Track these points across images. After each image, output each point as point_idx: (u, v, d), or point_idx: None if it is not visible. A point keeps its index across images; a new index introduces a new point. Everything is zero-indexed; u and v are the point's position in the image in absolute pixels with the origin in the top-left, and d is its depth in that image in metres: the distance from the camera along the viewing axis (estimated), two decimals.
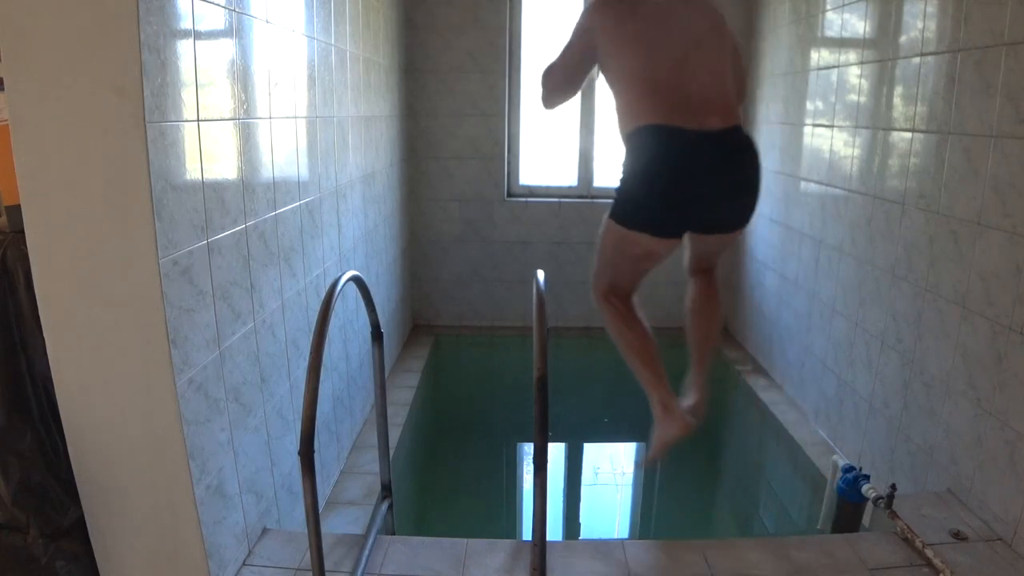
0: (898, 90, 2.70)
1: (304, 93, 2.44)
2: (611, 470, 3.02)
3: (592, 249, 2.17)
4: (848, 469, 2.32)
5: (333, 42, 2.74)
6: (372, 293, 2.08)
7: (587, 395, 3.96)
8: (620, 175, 2.00)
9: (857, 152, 3.02)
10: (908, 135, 2.61)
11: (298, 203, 2.41)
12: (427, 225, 4.71)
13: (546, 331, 1.75)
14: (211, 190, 1.76)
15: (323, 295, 1.78)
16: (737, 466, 3.06)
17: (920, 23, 2.54)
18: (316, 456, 1.62)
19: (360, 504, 2.68)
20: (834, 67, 3.25)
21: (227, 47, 1.83)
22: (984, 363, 2.17)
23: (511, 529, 2.66)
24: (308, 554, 1.75)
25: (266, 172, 2.11)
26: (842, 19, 3.17)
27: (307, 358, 1.63)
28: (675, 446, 2.06)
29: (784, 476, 2.98)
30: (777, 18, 3.95)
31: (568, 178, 4.76)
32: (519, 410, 3.56)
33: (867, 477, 2.29)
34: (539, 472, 1.73)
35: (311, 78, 2.50)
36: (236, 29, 1.87)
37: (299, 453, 1.57)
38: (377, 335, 2.16)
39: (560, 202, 4.69)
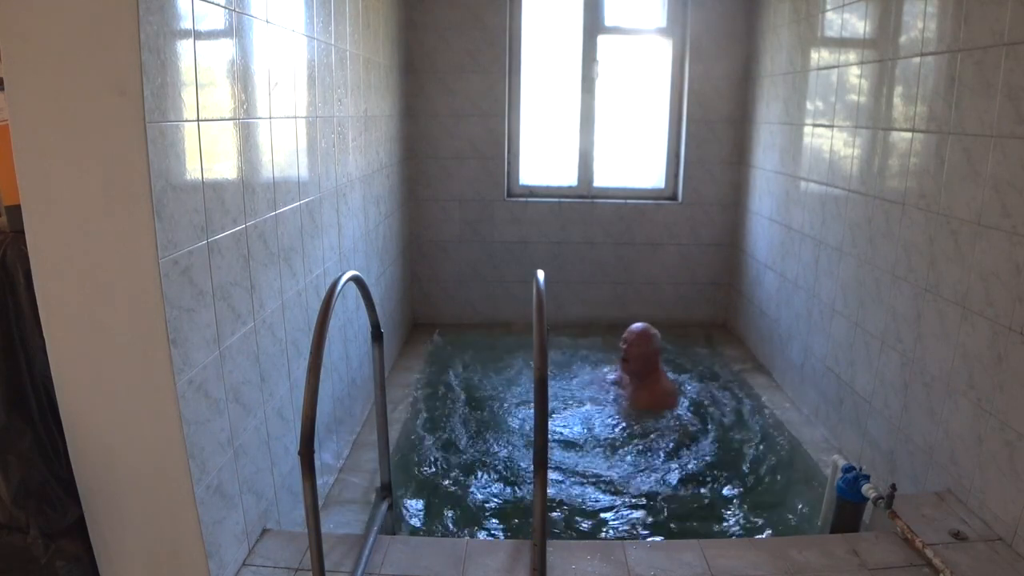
0: (898, 90, 2.70)
1: (304, 93, 2.44)
2: (609, 470, 3.03)
3: (592, 248, 2.17)
4: (848, 469, 2.32)
5: (333, 42, 2.74)
6: (372, 293, 2.08)
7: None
8: None
9: (857, 152, 3.02)
10: (908, 135, 2.61)
11: (298, 203, 2.41)
12: (427, 225, 4.71)
13: (546, 331, 1.76)
14: (211, 190, 1.76)
15: (323, 295, 1.79)
16: (737, 466, 3.06)
17: (920, 23, 2.54)
18: (316, 456, 1.62)
19: (360, 504, 2.67)
20: (834, 67, 3.25)
21: (227, 47, 1.83)
22: (984, 363, 2.17)
23: (511, 529, 2.66)
24: (308, 554, 1.75)
25: (266, 172, 2.11)
26: (842, 19, 3.17)
27: (307, 358, 1.63)
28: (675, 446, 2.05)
29: (784, 476, 2.98)
30: (777, 18, 3.95)
31: (568, 178, 4.76)
32: (519, 409, 3.57)
33: (867, 477, 2.29)
34: (539, 472, 1.73)
35: (311, 78, 2.50)
36: (236, 29, 1.87)
37: (299, 453, 1.57)
38: (377, 335, 2.16)
39: (560, 202, 4.68)
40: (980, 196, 2.19)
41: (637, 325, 3.75)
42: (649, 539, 2.53)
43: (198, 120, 1.68)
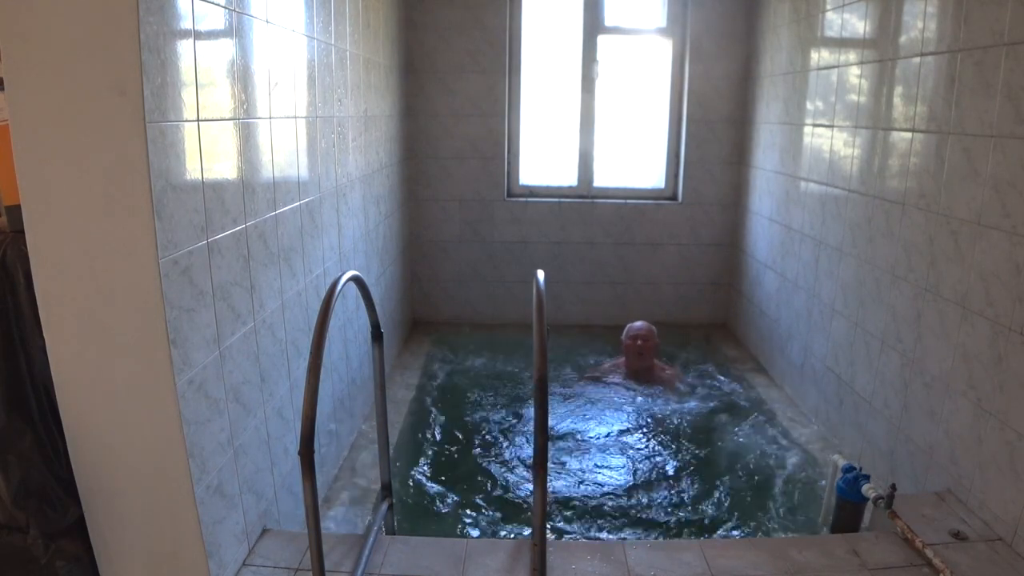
0: (898, 90, 2.70)
1: (304, 93, 2.44)
2: (608, 469, 3.03)
3: (592, 248, 2.18)
4: (848, 469, 2.32)
5: (333, 42, 2.74)
6: (372, 293, 2.08)
7: None
8: None
9: (857, 152, 3.02)
10: (908, 135, 2.61)
11: (298, 203, 2.41)
12: (427, 225, 4.71)
13: (545, 331, 1.76)
14: (211, 190, 1.76)
15: (323, 295, 1.78)
16: (737, 466, 3.06)
17: (920, 23, 2.54)
18: (316, 456, 1.62)
19: (360, 504, 2.68)
20: (834, 67, 3.25)
21: (227, 47, 1.83)
22: (984, 363, 2.17)
23: (511, 529, 2.66)
24: (308, 554, 1.75)
25: (266, 172, 2.11)
26: (842, 19, 3.17)
27: (307, 358, 1.63)
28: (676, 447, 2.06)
29: (784, 476, 2.98)
30: (777, 18, 3.95)
31: (568, 178, 4.76)
32: (519, 408, 3.57)
33: (867, 477, 2.29)
34: (539, 471, 1.73)
35: (311, 78, 2.50)
36: (236, 29, 1.87)
37: (299, 453, 1.57)
38: (377, 335, 2.16)
39: (560, 202, 4.68)
40: (980, 196, 2.19)
41: (640, 324, 3.79)
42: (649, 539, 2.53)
43: (198, 120, 1.68)
